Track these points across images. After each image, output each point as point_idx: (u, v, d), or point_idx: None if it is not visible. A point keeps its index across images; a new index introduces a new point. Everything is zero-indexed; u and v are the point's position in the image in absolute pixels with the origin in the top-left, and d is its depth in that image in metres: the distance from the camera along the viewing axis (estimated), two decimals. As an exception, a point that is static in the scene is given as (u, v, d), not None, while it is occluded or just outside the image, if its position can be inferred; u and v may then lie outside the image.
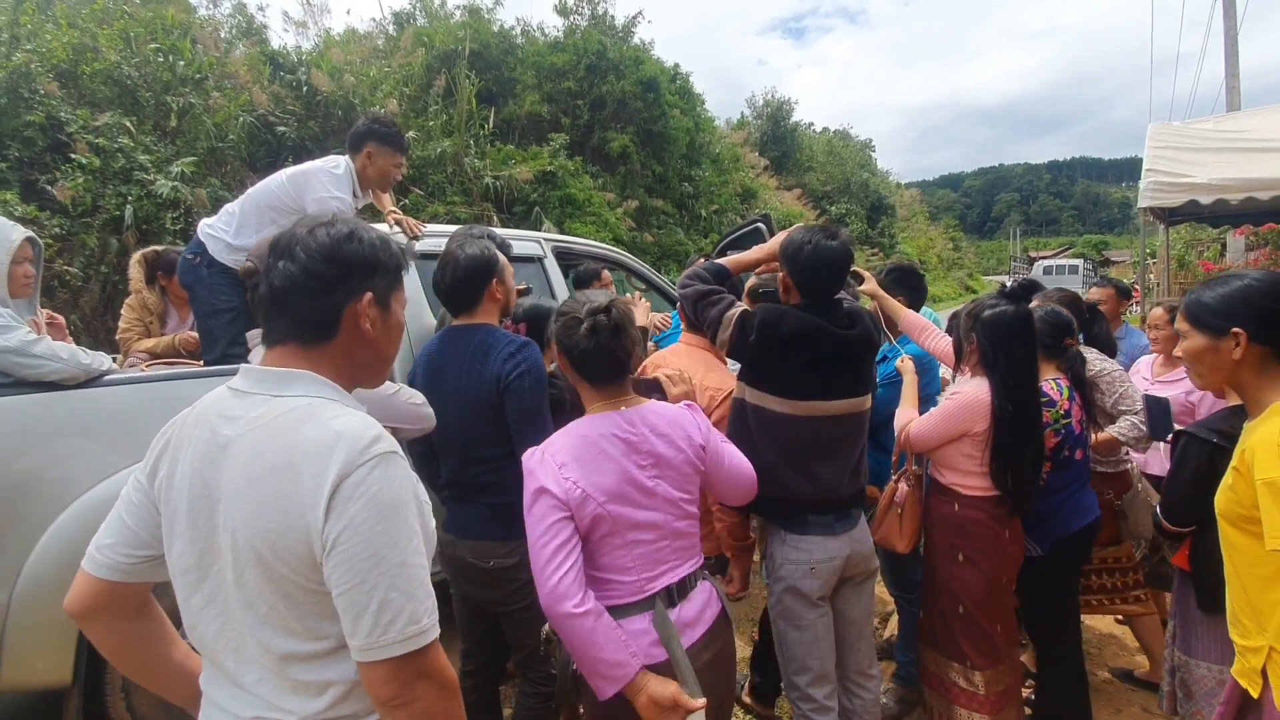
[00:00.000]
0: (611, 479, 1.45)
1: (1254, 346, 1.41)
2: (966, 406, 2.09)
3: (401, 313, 1.13)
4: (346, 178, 2.59)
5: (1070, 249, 47.75)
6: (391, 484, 0.94)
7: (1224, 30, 9.78)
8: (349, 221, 1.06)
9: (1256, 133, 5.60)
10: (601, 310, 1.50)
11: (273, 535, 0.92)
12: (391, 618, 0.90)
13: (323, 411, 0.98)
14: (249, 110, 7.88)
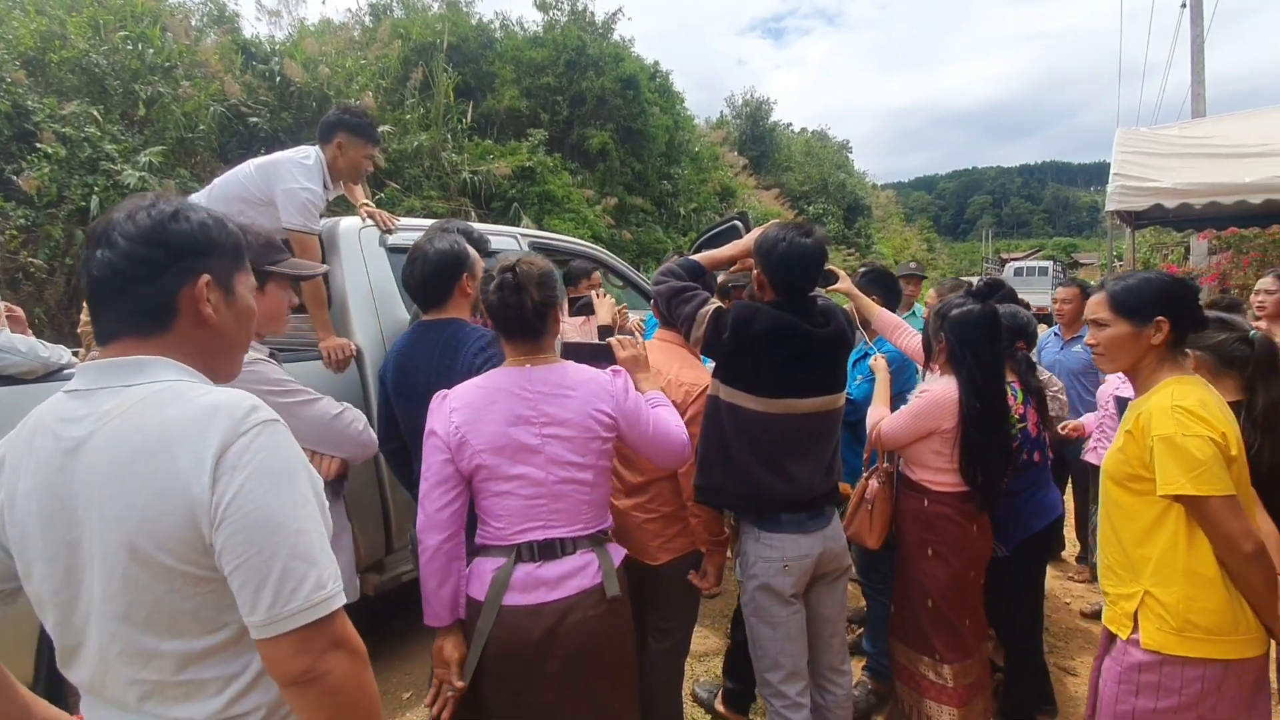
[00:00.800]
0: (494, 429, 1.54)
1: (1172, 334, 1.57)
2: (935, 404, 2.12)
3: (249, 296, 1.05)
4: (317, 168, 2.54)
5: (1040, 251, 48.70)
6: (279, 450, 0.90)
7: (1191, 38, 10.03)
8: (173, 200, 0.98)
9: (1220, 139, 5.75)
10: (508, 268, 1.58)
11: (150, 523, 0.85)
12: (295, 585, 0.85)
13: (187, 391, 0.91)
14: (220, 100, 7.71)
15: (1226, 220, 6.21)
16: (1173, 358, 1.61)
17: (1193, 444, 1.43)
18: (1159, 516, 1.51)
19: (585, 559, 1.59)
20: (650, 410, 1.71)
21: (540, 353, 1.64)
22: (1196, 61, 9.85)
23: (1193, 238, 10.12)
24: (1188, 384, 1.56)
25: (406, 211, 8.70)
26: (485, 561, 1.59)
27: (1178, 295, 1.59)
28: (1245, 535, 1.43)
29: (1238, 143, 5.45)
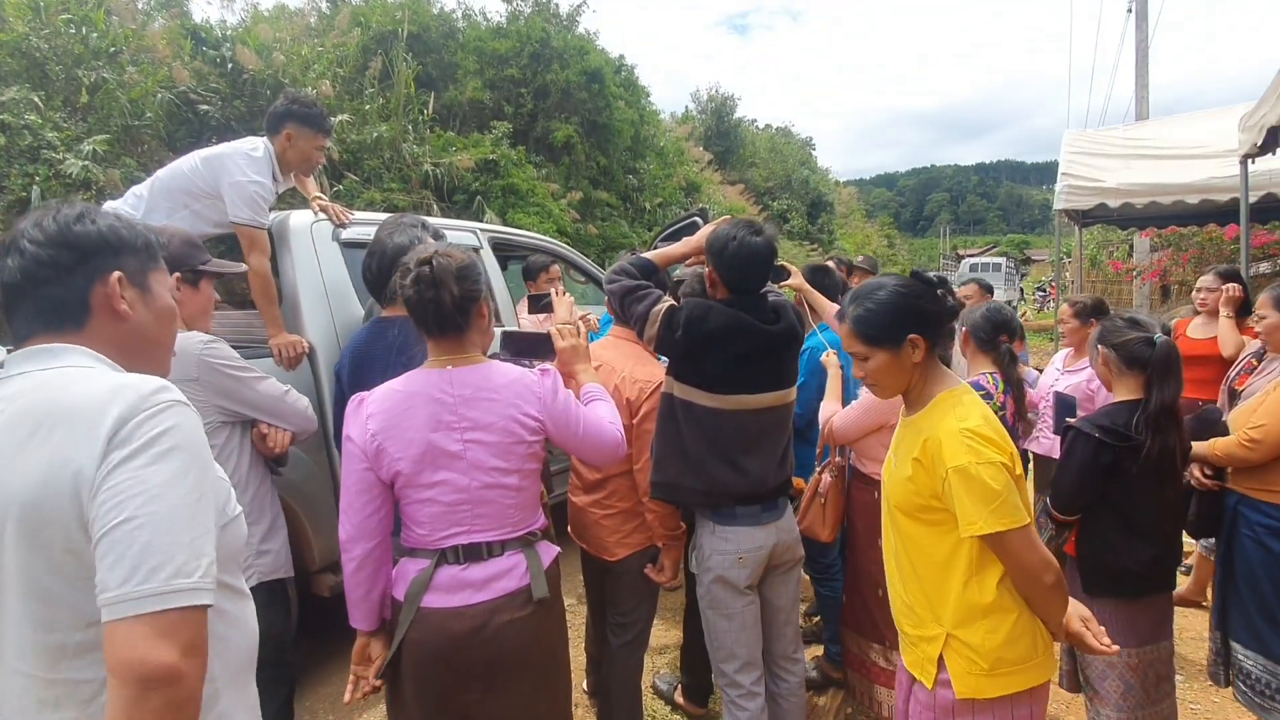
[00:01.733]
0: (412, 436, 1.48)
1: (928, 344, 1.50)
2: (885, 399, 2.17)
3: (167, 295, 1.06)
4: (265, 160, 2.48)
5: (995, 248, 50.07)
6: (177, 430, 0.87)
7: (1136, 43, 10.40)
8: (77, 204, 1.00)
9: (1160, 141, 5.99)
10: (425, 261, 1.50)
11: (38, 494, 0.82)
12: (156, 565, 0.79)
13: (100, 374, 0.91)
14: (168, 87, 7.43)
15: (1166, 219, 6.48)
16: (934, 364, 1.53)
17: (987, 473, 1.33)
18: (954, 550, 1.41)
19: (512, 561, 1.56)
20: (581, 410, 1.65)
21: (462, 351, 1.56)
22: (1141, 66, 10.23)
23: (1136, 235, 10.53)
24: (962, 397, 1.47)
25: (366, 204, 8.52)
26: (410, 563, 1.57)
27: (917, 307, 1.48)
28: (1045, 567, 1.35)
29: (1176, 145, 5.69)
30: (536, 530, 1.65)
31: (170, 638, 0.79)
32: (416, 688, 1.53)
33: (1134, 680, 2.00)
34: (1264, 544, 2.13)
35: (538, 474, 1.64)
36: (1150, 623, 2.04)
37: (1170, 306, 10.44)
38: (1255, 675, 2.17)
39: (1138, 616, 2.01)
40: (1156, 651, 2.05)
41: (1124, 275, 11.77)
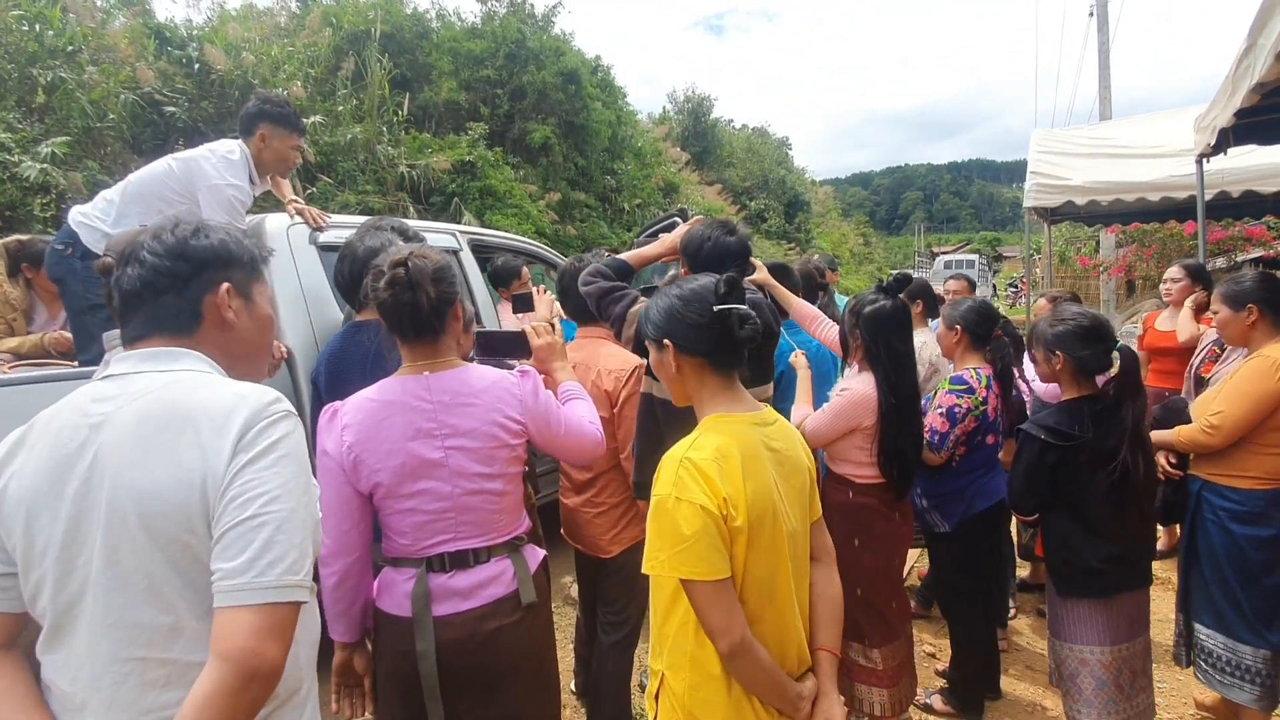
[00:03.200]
0: (390, 446, 1.45)
1: (683, 358, 1.32)
2: (855, 404, 2.18)
3: (267, 305, 1.16)
4: (242, 163, 2.45)
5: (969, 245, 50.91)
6: (293, 438, 0.97)
7: (1098, 46, 10.66)
8: (193, 221, 1.09)
9: (1123, 140, 6.15)
10: (400, 262, 1.47)
11: (165, 490, 0.90)
12: (273, 560, 0.88)
13: (218, 380, 1.00)
14: (132, 88, 7.27)
15: (1130, 216, 6.66)
16: (711, 383, 1.33)
17: (682, 512, 1.18)
18: (677, 588, 1.25)
19: (499, 567, 1.54)
20: (561, 410, 1.63)
21: (438, 355, 1.52)
22: (1103, 68, 10.49)
23: (1102, 232, 10.79)
24: (719, 423, 1.29)
25: (341, 207, 8.41)
26: (395, 573, 1.53)
27: (682, 314, 1.30)
28: (722, 632, 1.19)
29: (1138, 144, 5.85)
30: (522, 534, 1.64)
31: (280, 635, 0.89)
32: (404, 697, 1.51)
33: (1106, 677, 2.06)
34: (1226, 528, 2.21)
35: (520, 477, 1.62)
36: (1125, 621, 2.09)
37: (1135, 300, 10.72)
38: (1217, 654, 2.26)
39: (1112, 616, 2.06)
40: (1131, 649, 2.10)
41: (1091, 270, 12.06)
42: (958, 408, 2.39)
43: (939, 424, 2.38)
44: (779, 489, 1.28)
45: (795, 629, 1.32)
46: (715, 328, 1.27)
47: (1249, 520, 2.18)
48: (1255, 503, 2.18)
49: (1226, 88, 3.16)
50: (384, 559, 1.57)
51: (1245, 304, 2.27)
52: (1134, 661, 2.10)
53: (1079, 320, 2.08)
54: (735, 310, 1.26)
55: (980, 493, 2.50)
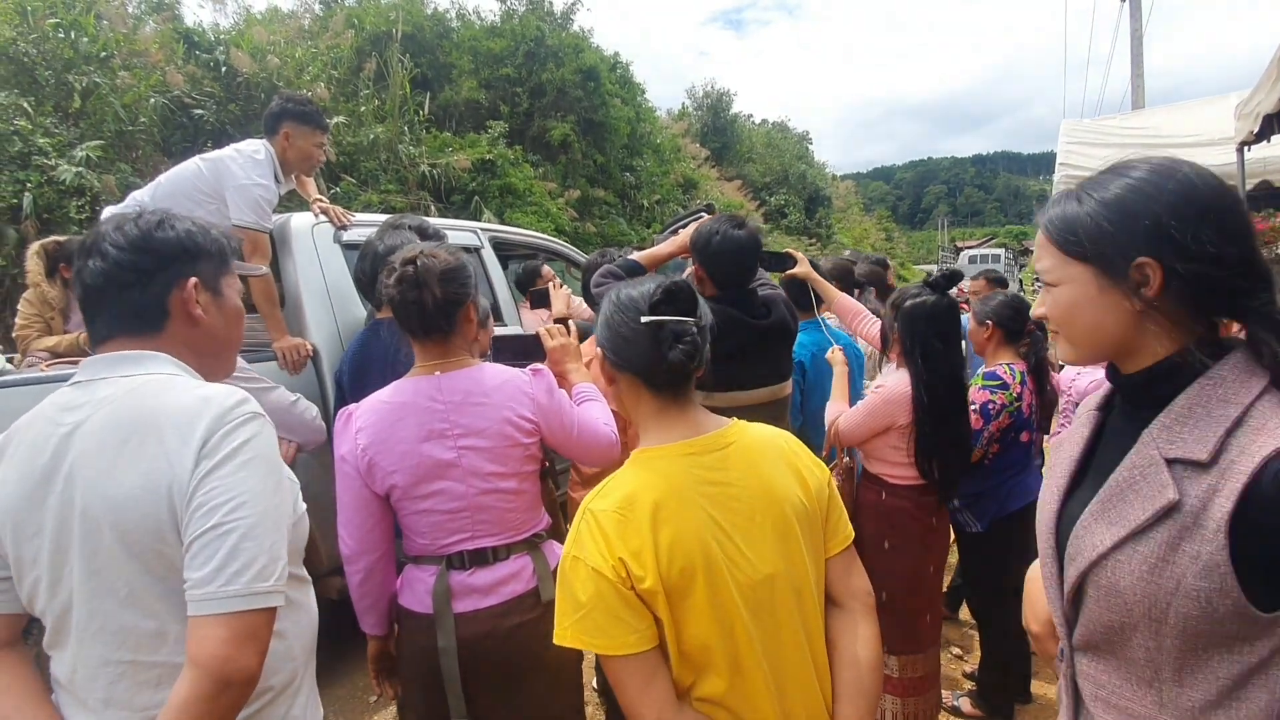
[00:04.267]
0: (404, 449, 1.44)
1: (615, 372, 1.12)
2: (890, 401, 2.12)
3: (237, 298, 1.12)
4: (268, 162, 2.47)
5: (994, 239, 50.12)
6: (258, 440, 0.95)
7: (1130, 32, 10.39)
8: (157, 211, 1.05)
9: (1157, 130, 6.00)
10: (410, 260, 1.46)
11: (134, 501, 0.89)
12: (240, 567, 0.87)
13: (182, 383, 0.97)
14: (162, 91, 7.42)
15: (1165, 208, 6.48)
16: (646, 407, 1.11)
17: (579, 575, 0.99)
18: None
19: (519, 564, 1.54)
20: (575, 410, 1.62)
21: (450, 355, 1.52)
22: (1136, 55, 10.22)
23: (1134, 225, 10.51)
24: (646, 459, 1.07)
25: (364, 206, 8.51)
26: (417, 571, 1.54)
27: (607, 316, 1.11)
28: (636, 714, 0.99)
29: (1173, 133, 5.69)
30: (542, 531, 1.63)
31: (253, 642, 0.87)
32: (426, 693, 1.52)
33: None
34: None
35: (537, 475, 1.62)
36: None
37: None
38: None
39: None
40: None
41: (1122, 265, 11.79)
42: (991, 404, 2.33)
43: (972, 421, 2.33)
44: (723, 531, 1.02)
45: (796, 700, 1.05)
46: (642, 343, 1.05)
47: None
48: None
49: (1272, 72, 3.06)
50: (406, 556, 1.58)
51: None
52: None
53: None
54: (667, 325, 1.04)
55: (1014, 492, 2.43)
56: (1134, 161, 0.84)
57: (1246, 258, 0.77)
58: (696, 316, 1.09)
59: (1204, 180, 0.79)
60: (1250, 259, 0.77)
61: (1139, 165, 0.83)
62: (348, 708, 2.76)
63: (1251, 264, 0.77)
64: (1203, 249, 0.75)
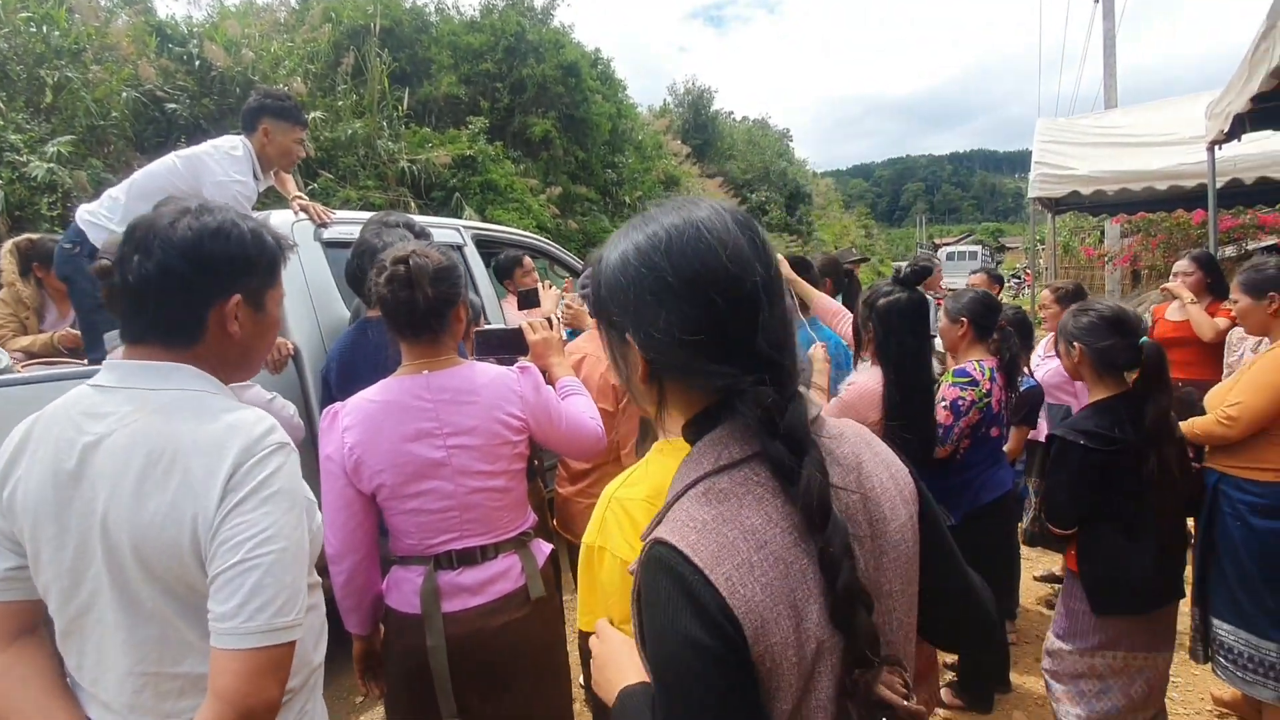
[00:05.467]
0: (391, 447, 1.44)
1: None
2: (861, 397, 2.12)
3: (277, 310, 1.09)
4: (246, 159, 2.43)
5: (971, 236, 50.76)
6: (283, 475, 0.93)
7: (1103, 32, 10.57)
8: (218, 212, 0.99)
9: (1130, 128, 6.11)
10: (402, 259, 1.46)
11: (157, 528, 0.88)
12: (262, 604, 0.87)
13: (210, 404, 0.95)
14: (134, 85, 7.26)
15: (1136, 205, 6.62)
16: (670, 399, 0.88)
17: (603, 565, 0.99)
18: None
19: (507, 562, 1.54)
20: (561, 405, 1.62)
21: (439, 354, 1.51)
22: (1109, 55, 10.41)
23: (1107, 222, 10.73)
24: (665, 457, 1.03)
25: (343, 202, 8.40)
26: (404, 571, 1.53)
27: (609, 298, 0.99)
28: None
29: (1145, 132, 5.81)
30: (529, 529, 1.63)
31: (274, 675, 0.88)
32: (414, 693, 1.52)
33: (1114, 684, 1.97)
34: (1245, 521, 2.18)
35: (523, 474, 1.62)
36: (1149, 633, 1.98)
37: (1141, 291, 10.66)
38: (1238, 650, 2.22)
39: (1138, 629, 1.97)
40: (1151, 661, 2.00)
41: (1096, 261, 12.00)
42: (961, 400, 2.37)
43: (943, 417, 2.35)
44: None
45: None
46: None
47: (1270, 513, 2.13)
48: (1277, 495, 2.14)
49: (1243, 72, 3.12)
50: (392, 557, 1.57)
51: (1266, 292, 2.24)
52: (1151, 675, 2.01)
53: (1100, 311, 2.00)
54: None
55: (985, 485, 2.48)
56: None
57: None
58: None
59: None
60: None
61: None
62: (334, 709, 2.73)
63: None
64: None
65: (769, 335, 0.67)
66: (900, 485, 0.77)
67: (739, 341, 0.67)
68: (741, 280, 0.66)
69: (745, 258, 0.67)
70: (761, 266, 0.68)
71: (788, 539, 0.65)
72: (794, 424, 0.65)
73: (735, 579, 0.62)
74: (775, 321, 0.68)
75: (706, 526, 0.65)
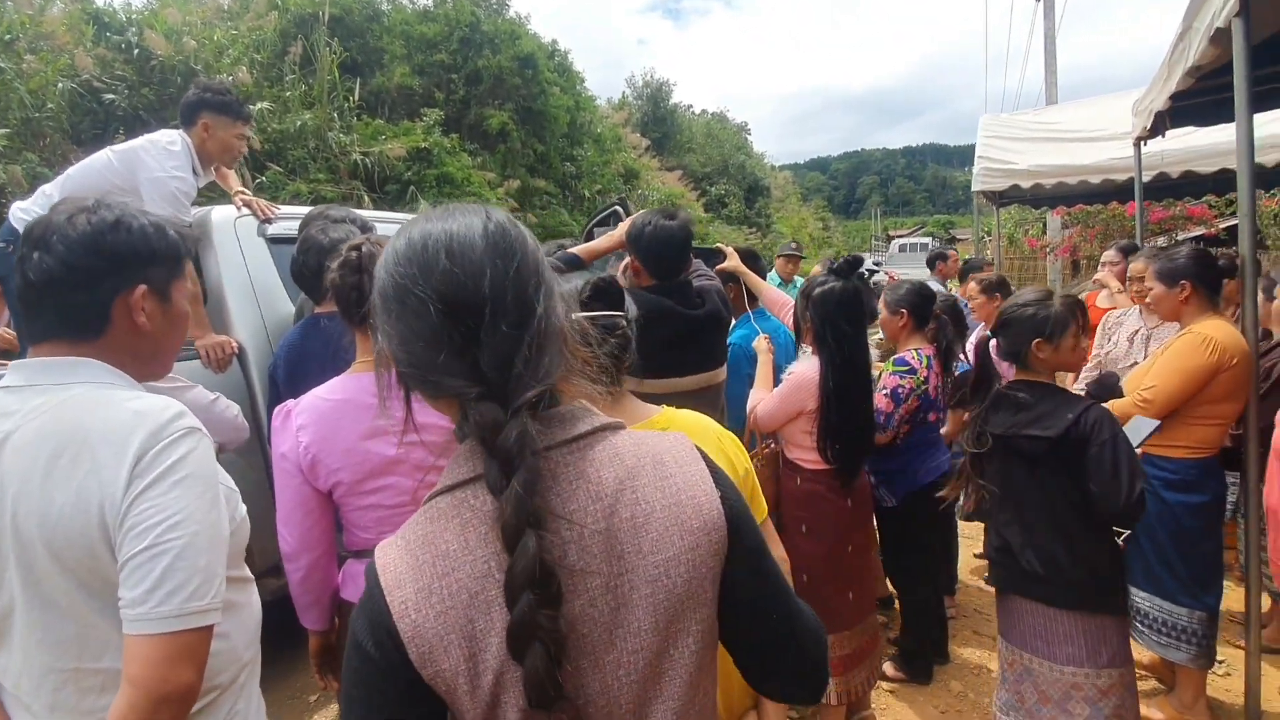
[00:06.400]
0: (347, 446, 1.44)
1: None
2: (798, 386, 2.16)
3: (185, 302, 1.09)
4: (184, 153, 2.37)
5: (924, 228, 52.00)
6: (194, 460, 0.93)
7: (1044, 31, 10.94)
8: (116, 207, 1.00)
9: (1066, 124, 6.34)
10: (356, 246, 1.48)
11: (65, 519, 0.88)
12: (173, 588, 0.86)
13: (116, 395, 0.95)
14: (70, 75, 6.96)
15: (1074, 198, 6.88)
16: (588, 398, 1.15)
17: None
18: None
19: None
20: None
21: None
22: (1050, 52, 10.78)
23: (1048, 214, 11.14)
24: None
25: (293, 196, 8.19)
26: (358, 565, 1.53)
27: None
28: None
29: (1080, 128, 6.03)
30: None
31: (188, 659, 0.87)
32: None
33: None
34: (1160, 496, 2.32)
35: None
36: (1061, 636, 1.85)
37: (1080, 280, 11.12)
38: (1154, 617, 2.38)
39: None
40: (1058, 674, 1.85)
41: (1039, 252, 12.47)
42: (901, 388, 2.46)
43: (884, 405, 2.45)
44: None
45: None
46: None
47: (1182, 488, 2.30)
48: (1188, 471, 2.30)
49: (1163, 72, 3.28)
50: (347, 551, 1.57)
51: (1179, 280, 2.37)
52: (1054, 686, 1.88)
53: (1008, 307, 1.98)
54: (597, 320, 1.12)
55: (923, 468, 2.59)
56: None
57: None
58: (624, 310, 1.15)
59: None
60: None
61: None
62: (288, 709, 2.72)
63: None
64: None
65: (493, 351, 0.65)
66: (685, 516, 0.70)
67: (459, 354, 0.65)
68: (458, 293, 0.64)
69: (473, 270, 0.65)
70: (499, 281, 0.65)
71: (482, 568, 0.64)
72: (506, 444, 0.63)
73: (410, 603, 0.63)
74: (503, 338, 0.65)
75: (409, 546, 0.67)
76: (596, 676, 0.67)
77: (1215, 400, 2.26)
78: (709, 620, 0.73)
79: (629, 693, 0.68)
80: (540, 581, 0.60)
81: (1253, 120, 2.33)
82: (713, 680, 0.79)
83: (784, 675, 0.80)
